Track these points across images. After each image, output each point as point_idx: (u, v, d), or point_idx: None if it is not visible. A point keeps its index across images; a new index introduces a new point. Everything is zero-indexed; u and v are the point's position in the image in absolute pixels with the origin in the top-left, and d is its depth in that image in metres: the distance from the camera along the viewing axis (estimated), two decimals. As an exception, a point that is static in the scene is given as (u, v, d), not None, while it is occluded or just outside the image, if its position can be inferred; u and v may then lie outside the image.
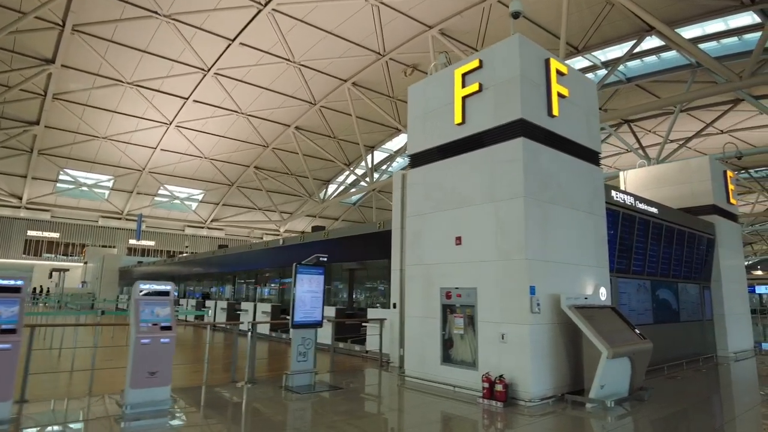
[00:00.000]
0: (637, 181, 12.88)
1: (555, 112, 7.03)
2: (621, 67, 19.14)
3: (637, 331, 6.78)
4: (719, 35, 17.10)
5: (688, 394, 7.28)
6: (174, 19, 17.41)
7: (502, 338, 6.41)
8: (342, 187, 35.99)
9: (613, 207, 8.28)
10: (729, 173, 12.61)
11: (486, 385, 6.15)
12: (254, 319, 13.80)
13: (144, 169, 31.95)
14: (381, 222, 10.55)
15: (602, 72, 19.17)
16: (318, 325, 7.28)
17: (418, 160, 8.16)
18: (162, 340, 5.54)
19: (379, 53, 19.44)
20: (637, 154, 21.37)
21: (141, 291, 5.63)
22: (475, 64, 7.33)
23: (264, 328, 13.49)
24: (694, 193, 11.97)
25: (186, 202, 37.34)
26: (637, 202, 8.90)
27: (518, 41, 6.86)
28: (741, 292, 12.41)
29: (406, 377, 7.65)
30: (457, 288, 7.09)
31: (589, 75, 21.23)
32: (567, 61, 18.55)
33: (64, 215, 35.38)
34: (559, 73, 7.26)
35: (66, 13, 16.78)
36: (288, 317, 7.28)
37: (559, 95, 7.18)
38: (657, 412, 6.08)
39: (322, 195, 35.82)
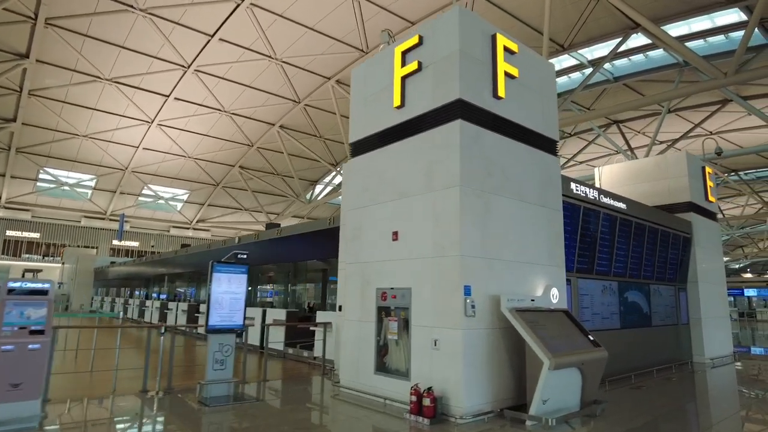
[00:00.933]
0: (612, 178, 12.12)
1: (501, 93, 6.26)
2: (608, 66, 18.47)
3: (591, 338, 5.98)
4: (706, 33, 16.43)
5: (649, 406, 6.47)
6: (150, 14, 16.71)
7: (435, 345, 5.62)
8: (329, 188, 35.23)
9: (573, 201, 7.51)
10: (708, 169, 11.85)
11: (414, 398, 5.35)
12: (176, 321, 13.34)
13: (127, 168, 31.19)
14: (332, 218, 9.77)
15: (589, 71, 18.47)
16: (238, 330, 6.48)
17: (359, 148, 7.38)
18: (31, 346, 4.75)
19: (362, 50, 18.62)
20: (626, 155, 20.62)
21: (9, 290, 4.84)
22: (414, 40, 6.55)
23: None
24: (670, 190, 11.20)
25: (171, 203, 36.55)
26: (602, 196, 8.13)
27: (458, 13, 6.09)
28: (720, 295, 11.63)
29: (341, 388, 6.85)
30: (392, 288, 6.30)
31: (576, 74, 20.55)
32: (553, 59, 17.99)
33: (45, 215, 34.56)
34: (507, 50, 6.48)
35: (38, 6, 16.06)
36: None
37: (508, 75, 6.41)
38: (607, 429, 5.28)
39: (309, 196, 35.04)
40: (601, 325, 7.92)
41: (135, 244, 38.53)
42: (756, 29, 13.21)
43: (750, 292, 29.72)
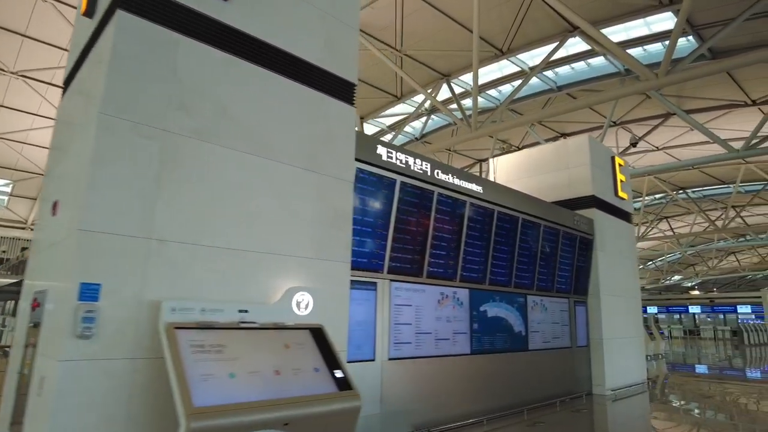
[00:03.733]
0: (509, 169, 9.95)
1: (231, -10, 3.94)
2: (551, 75, 16.68)
3: (341, 374, 3.55)
4: (644, 40, 14.87)
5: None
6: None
7: (40, 387, 3.11)
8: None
9: (384, 172, 5.19)
10: (618, 160, 9.76)
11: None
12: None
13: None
14: None
15: (533, 80, 16.60)
16: None
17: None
18: None
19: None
20: None
21: None
22: None
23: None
24: (571, 182, 9.05)
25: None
26: (438, 171, 5.81)
27: None
28: (630, 310, 9.41)
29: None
30: (40, 292, 3.79)
31: (518, 81, 18.63)
32: (492, 65, 16.09)
33: (-47, 223, 30.96)
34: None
35: None
36: None
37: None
38: None
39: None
40: (434, 350, 5.53)
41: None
42: (691, 37, 11.66)
43: (694, 309, 28.09)
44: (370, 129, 20.11)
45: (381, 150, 5.18)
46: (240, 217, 3.81)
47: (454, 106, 15.01)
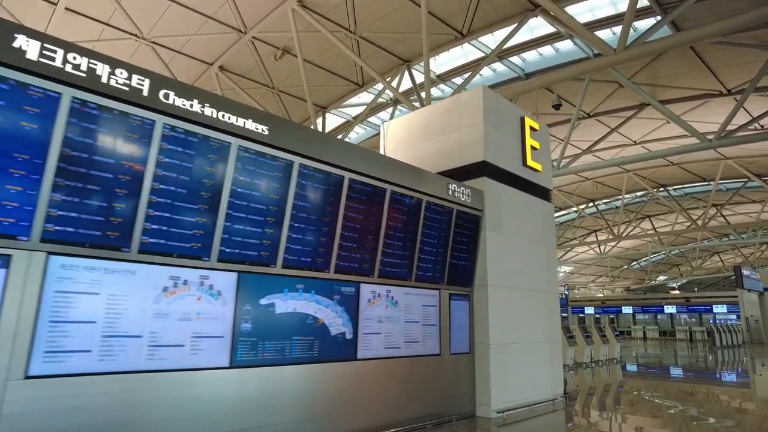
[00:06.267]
0: (400, 133, 7.94)
1: None
2: (519, 62, 14.73)
3: None
4: (610, 21, 12.99)
5: None
6: None
7: None
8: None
9: (32, 79, 3.20)
10: (530, 122, 7.68)
11: None
12: None
13: None
14: None
15: (498, 66, 14.64)
16: None
17: None
18: None
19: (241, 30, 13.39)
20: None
21: None
22: None
23: None
24: (462, 146, 6.97)
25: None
26: (170, 93, 3.78)
27: None
28: (540, 309, 7.31)
29: None
30: None
31: (484, 68, 16.52)
32: (456, 50, 13.50)
33: None
34: None
35: None
36: None
37: None
38: None
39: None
40: (147, 363, 3.53)
41: None
42: (659, 17, 10.05)
43: (670, 309, 25.93)
44: (333, 120, 18.07)
45: (25, 42, 3.17)
46: None
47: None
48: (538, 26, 12.91)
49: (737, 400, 8.57)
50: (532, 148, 7.54)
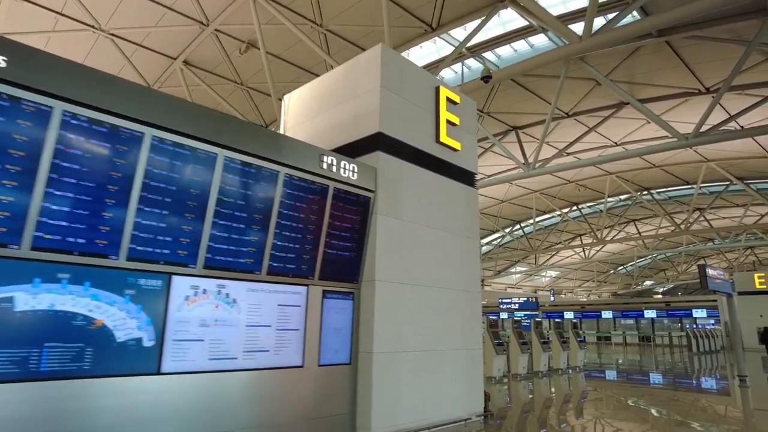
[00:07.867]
0: (300, 106, 6.87)
1: None
2: (494, 59, 14.20)
3: None
4: (583, 13, 12.52)
5: None
6: None
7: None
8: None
9: None
10: (447, 93, 6.51)
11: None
12: None
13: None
14: None
15: (473, 63, 14.08)
16: None
17: None
18: None
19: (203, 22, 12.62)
20: (520, 164, 15.86)
21: None
22: None
23: None
24: (358, 116, 5.85)
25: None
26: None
27: None
28: (456, 311, 6.13)
29: None
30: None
31: (457, 65, 16.04)
32: (429, 46, 12.66)
33: None
34: None
35: None
36: None
37: None
38: None
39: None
40: None
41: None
42: (635, 12, 9.56)
43: (650, 314, 25.34)
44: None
45: None
46: None
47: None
48: (510, 20, 12.39)
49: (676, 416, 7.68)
50: (449, 122, 6.39)
